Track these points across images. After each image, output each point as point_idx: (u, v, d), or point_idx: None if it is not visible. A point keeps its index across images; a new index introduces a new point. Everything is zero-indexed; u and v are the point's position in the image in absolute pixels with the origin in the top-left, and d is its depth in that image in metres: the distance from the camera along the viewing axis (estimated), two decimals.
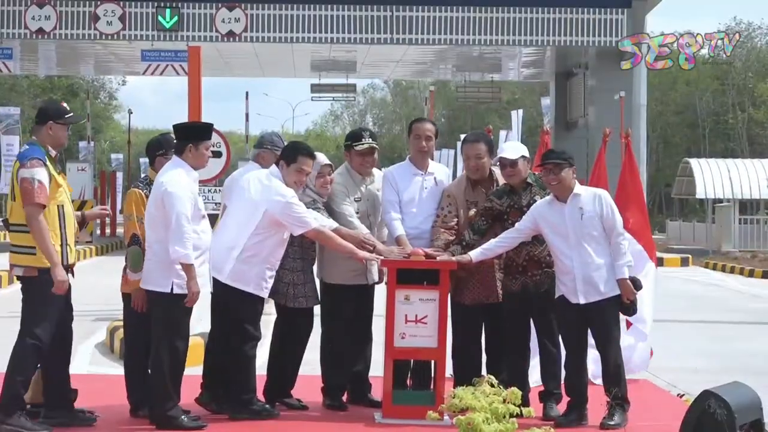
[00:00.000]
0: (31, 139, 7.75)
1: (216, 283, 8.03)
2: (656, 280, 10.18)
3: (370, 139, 8.71)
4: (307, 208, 8.27)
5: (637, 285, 8.14)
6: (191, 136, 7.88)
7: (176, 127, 7.99)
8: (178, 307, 7.68)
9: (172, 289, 7.66)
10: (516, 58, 35.68)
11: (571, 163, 8.13)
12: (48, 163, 7.51)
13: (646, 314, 9.95)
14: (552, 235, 8.12)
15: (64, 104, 7.99)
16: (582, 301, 8.05)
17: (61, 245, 7.52)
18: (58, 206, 7.53)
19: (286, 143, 8.62)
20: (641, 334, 9.98)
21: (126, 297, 8.09)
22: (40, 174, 7.39)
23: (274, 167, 8.21)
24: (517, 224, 8.23)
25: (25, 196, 7.39)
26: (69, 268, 7.61)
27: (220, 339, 8.17)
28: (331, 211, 8.52)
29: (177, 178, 7.70)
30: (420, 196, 8.63)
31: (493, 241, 8.26)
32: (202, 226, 7.81)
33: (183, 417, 7.72)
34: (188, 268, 7.60)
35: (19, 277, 7.67)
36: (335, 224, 8.32)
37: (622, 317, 8.53)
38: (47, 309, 7.52)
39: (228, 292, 7.97)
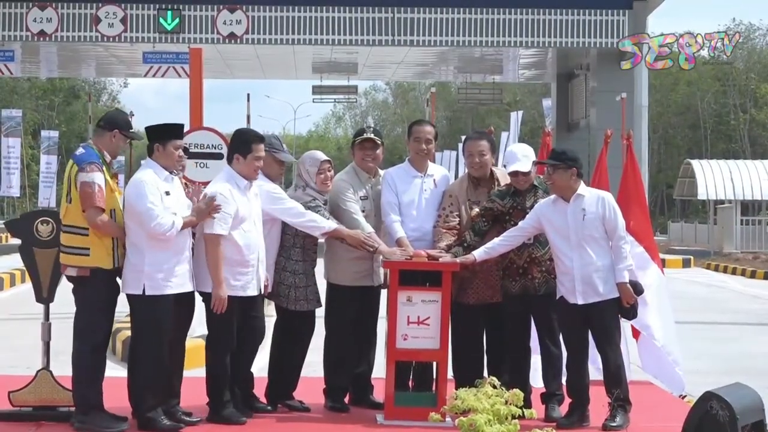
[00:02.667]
0: (87, 142, 7.91)
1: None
2: (664, 288, 9.99)
3: (372, 134, 8.74)
4: (307, 207, 8.29)
5: (637, 289, 8.14)
6: (158, 136, 7.92)
7: (146, 129, 8.05)
8: (152, 308, 7.71)
9: (144, 290, 7.70)
10: (517, 59, 35.68)
11: (569, 165, 8.10)
12: (104, 167, 7.66)
13: (658, 326, 9.81)
14: (553, 234, 8.12)
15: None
16: (580, 302, 8.05)
17: (113, 248, 7.67)
18: (110, 210, 7.67)
19: (283, 143, 8.66)
20: (663, 354, 9.84)
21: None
22: (99, 178, 7.58)
23: (227, 167, 8.22)
24: (520, 223, 8.23)
25: (85, 200, 7.55)
26: (119, 272, 7.74)
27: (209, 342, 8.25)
28: (337, 209, 8.53)
29: (142, 177, 7.76)
30: (419, 198, 8.63)
31: (496, 239, 8.26)
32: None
33: (161, 418, 7.76)
34: (186, 225, 7.72)
35: (70, 278, 7.78)
36: (335, 224, 8.31)
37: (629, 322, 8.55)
38: (100, 309, 7.68)
39: (204, 299, 8.05)
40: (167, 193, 7.75)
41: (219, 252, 7.89)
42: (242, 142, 8.15)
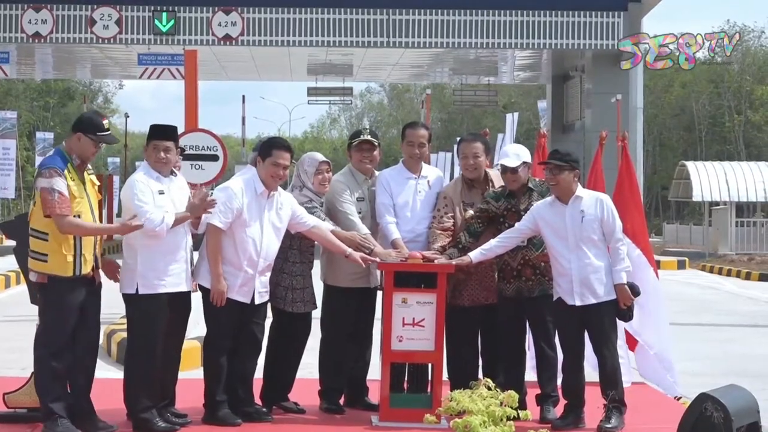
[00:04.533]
0: (61, 144, 7.78)
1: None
2: (659, 292, 9.96)
3: (368, 136, 8.74)
4: (304, 207, 8.30)
5: (635, 291, 8.14)
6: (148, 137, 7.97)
7: None
8: (145, 307, 7.72)
9: (137, 290, 7.72)
10: (512, 61, 35.69)
11: (573, 167, 8.13)
12: (66, 172, 7.50)
13: (651, 332, 9.83)
14: (551, 236, 8.12)
15: (105, 121, 7.77)
16: (578, 303, 8.06)
17: (74, 255, 7.52)
18: (75, 216, 7.54)
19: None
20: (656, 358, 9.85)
21: None
22: (59, 184, 7.42)
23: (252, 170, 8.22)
24: (517, 224, 8.23)
25: (45, 207, 7.44)
26: (84, 278, 7.58)
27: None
28: (334, 210, 8.53)
29: (134, 177, 7.82)
30: (414, 199, 8.65)
31: (492, 241, 8.27)
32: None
33: (156, 420, 7.75)
34: (178, 221, 7.71)
35: (34, 283, 7.69)
36: (331, 226, 8.32)
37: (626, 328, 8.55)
38: (57, 316, 7.54)
39: (203, 294, 8.08)
40: (161, 192, 7.74)
41: (216, 244, 7.92)
42: (265, 146, 8.19)
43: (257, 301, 8.13)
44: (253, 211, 8.02)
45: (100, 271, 7.80)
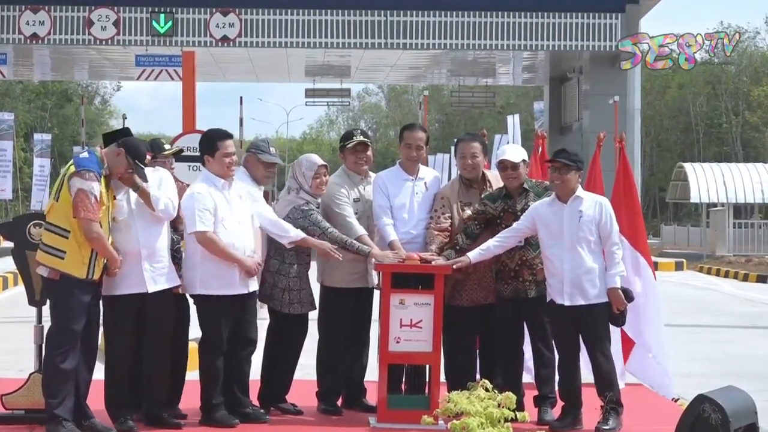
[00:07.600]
0: (94, 147, 7.77)
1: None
2: (657, 294, 9.94)
3: (361, 137, 8.74)
4: (300, 210, 8.29)
5: (628, 296, 8.14)
6: None
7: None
8: (107, 308, 7.81)
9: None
10: (510, 62, 35.70)
11: (579, 167, 8.16)
12: (102, 178, 7.54)
13: (649, 333, 9.83)
14: (547, 235, 8.12)
15: (150, 156, 7.81)
16: (566, 303, 8.04)
17: (90, 258, 7.53)
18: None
19: (271, 146, 8.64)
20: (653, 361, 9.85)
21: None
22: (96, 189, 7.44)
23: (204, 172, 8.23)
24: (515, 224, 8.24)
25: (80, 209, 7.42)
26: (93, 283, 7.62)
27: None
28: (331, 212, 8.53)
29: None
30: (411, 201, 8.64)
31: (491, 241, 8.27)
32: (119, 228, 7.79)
33: (123, 419, 7.78)
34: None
35: (43, 278, 7.70)
36: (302, 233, 8.24)
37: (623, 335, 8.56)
38: (67, 315, 7.55)
39: (195, 302, 8.11)
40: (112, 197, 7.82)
41: (216, 243, 7.92)
42: (207, 143, 8.19)
43: (251, 289, 8.15)
44: (222, 206, 8.03)
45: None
